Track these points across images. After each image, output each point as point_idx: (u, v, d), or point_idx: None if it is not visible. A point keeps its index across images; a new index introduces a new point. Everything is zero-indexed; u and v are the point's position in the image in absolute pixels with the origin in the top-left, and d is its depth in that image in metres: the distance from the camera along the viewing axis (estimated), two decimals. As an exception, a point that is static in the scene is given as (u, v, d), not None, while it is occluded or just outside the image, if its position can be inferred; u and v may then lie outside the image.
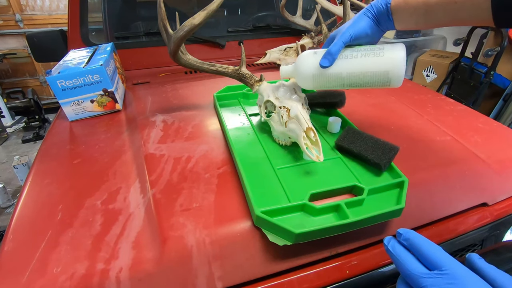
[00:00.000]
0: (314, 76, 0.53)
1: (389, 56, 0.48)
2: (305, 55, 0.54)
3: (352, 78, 0.51)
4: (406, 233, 0.30)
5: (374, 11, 0.48)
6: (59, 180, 0.53)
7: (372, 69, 0.49)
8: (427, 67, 2.54)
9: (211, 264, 0.39)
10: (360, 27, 0.49)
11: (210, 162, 0.55)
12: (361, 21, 0.49)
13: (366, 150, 0.52)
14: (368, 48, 0.50)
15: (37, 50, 1.09)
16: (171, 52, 0.64)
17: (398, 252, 0.29)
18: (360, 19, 0.49)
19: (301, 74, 0.54)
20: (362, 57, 0.50)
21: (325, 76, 0.52)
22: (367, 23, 0.49)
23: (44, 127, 2.66)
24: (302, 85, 0.56)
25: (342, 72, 0.51)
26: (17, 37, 2.81)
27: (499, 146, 0.61)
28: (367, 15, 0.49)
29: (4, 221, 1.67)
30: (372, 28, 0.49)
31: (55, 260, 0.38)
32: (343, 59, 0.51)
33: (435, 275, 0.25)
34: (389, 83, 0.51)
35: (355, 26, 0.49)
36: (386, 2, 0.46)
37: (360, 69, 0.50)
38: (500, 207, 0.56)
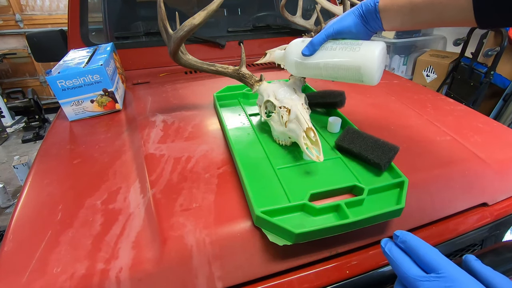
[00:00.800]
0: (297, 63, 0.56)
1: (363, 53, 0.48)
2: (294, 42, 0.56)
3: (328, 69, 0.53)
4: (402, 235, 0.30)
5: (363, 10, 0.49)
6: (59, 180, 0.53)
7: (346, 63, 0.50)
8: (427, 67, 2.54)
9: (211, 264, 0.39)
10: (345, 23, 0.50)
11: (210, 162, 0.55)
12: (347, 18, 0.50)
13: (366, 150, 0.52)
14: (349, 42, 0.51)
15: (37, 50, 1.09)
16: (171, 52, 0.64)
17: (395, 254, 0.29)
18: (347, 15, 0.50)
19: (287, 59, 0.57)
20: (339, 50, 0.51)
21: (305, 64, 0.55)
22: (353, 20, 0.49)
23: (44, 127, 2.66)
24: (288, 69, 0.59)
25: (320, 62, 0.53)
26: (17, 37, 2.81)
27: (499, 146, 0.61)
28: (354, 13, 0.49)
29: (4, 221, 1.67)
30: (357, 25, 0.49)
31: (55, 260, 0.38)
32: (323, 50, 0.53)
33: (432, 278, 0.25)
34: (362, 80, 0.50)
35: (340, 21, 0.50)
36: (375, 1, 0.47)
37: (335, 62, 0.51)
38: (500, 207, 0.56)
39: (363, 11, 0.49)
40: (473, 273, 0.27)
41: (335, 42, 0.52)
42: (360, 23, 0.49)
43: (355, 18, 0.49)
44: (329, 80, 0.56)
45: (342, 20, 0.50)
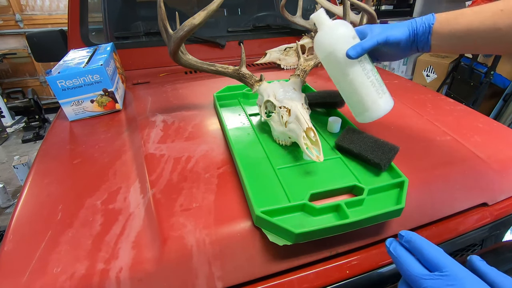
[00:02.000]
0: (330, 53, 0.51)
1: (380, 103, 0.52)
2: (343, 31, 0.51)
3: (347, 84, 0.53)
4: (407, 235, 0.30)
5: (416, 27, 0.47)
6: (59, 180, 0.53)
7: (364, 97, 0.52)
8: (427, 67, 2.54)
9: (211, 264, 0.39)
10: (397, 35, 0.48)
11: (210, 162, 0.55)
12: (400, 30, 0.48)
13: (366, 150, 0.52)
14: (379, 80, 0.52)
15: (37, 50, 1.09)
16: (171, 52, 0.64)
17: (400, 253, 0.29)
18: (400, 27, 0.49)
19: (322, 41, 0.52)
20: (369, 81, 0.51)
21: (336, 62, 0.51)
22: (405, 35, 0.48)
23: (44, 127, 2.66)
24: (315, 48, 0.53)
25: (348, 74, 0.51)
26: (17, 37, 2.82)
27: (499, 146, 0.61)
28: (408, 27, 0.48)
29: (4, 221, 1.67)
30: (406, 41, 0.48)
31: (55, 260, 0.38)
32: (359, 65, 0.51)
33: (435, 277, 0.26)
34: (356, 115, 0.56)
35: (393, 31, 0.48)
36: (430, 22, 0.46)
37: (358, 86, 0.52)
38: (500, 207, 0.56)
39: (416, 29, 0.47)
40: (477, 272, 0.27)
41: (372, 69, 0.52)
42: (409, 39, 0.48)
43: (408, 32, 0.48)
44: (337, 89, 0.56)
45: (395, 30, 0.49)
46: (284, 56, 1.07)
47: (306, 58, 0.69)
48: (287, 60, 1.07)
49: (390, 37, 0.48)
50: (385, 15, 3.04)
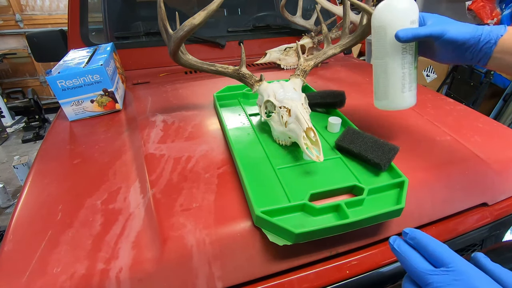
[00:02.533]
0: (382, 27, 0.50)
1: (401, 97, 0.53)
2: (405, 9, 0.48)
3: (380, 66, 0.52)
4: (412, 232, 0.30)
5: (482, 32, 0.43)
6: (59, 180, 0.53)
7: (388, 84, 0.52)
8: (427, 67, 2.53)
9: (211, 264, 0.39)
10: (456, 33, 0.43)
11: (210, 162, 0.55)
12: (462, 29, 0.44)
13: (366, 150, 0.52)
14: (412, 75, 0.52)
15: (37, 50, 1.09)
16: (171, 52, 0.64)
17: (404, 250, 0.29)
18: (464, 26, 0.44)
19: (382, 11, 0.50)
20: (402, 73, 0.51)
21: (383, 38, 0.50)
22: (464, 36, 0.43)
23: (44, 127, 2.66)
24: (373, 14, 0.51)
25: (387, 56, 0.50)
26: (17, 37, 2.82)
27: (499, 146, 0.61)
28: (472, 29, 0.43)
29: (4, 221, 1.67)
30: (464, 43, 0.44)
31: (55, 260, 0.38)
32: (401, 52, 0.49)
33: (441, 272, 0.26)
34: (377, 101, 0.57)
35: (453, 27, 0.44)
36: (499, 32, 0.42)
37: (389, 73, 0.52)
38: (500, 207, 0.56)
39: (481, 34, 0.43)
40: (482, 269, 0.27)
41: (409, 62, 0.50)
42: (467, 42, 0.44)
43: (468, 35, 0.43)
44: (371, 59, 0.55)
45: (455, 27, 0.44)
46: (284, 56, 1.07)
47: (306, 58, 0.69)
48: (287, 60, 1.07)
49: (448, 33, 0.44)
50: (385, 15, 3.04)
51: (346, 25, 0.69)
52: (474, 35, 0.43)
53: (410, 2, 0.49)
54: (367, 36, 0.65)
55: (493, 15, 1.94)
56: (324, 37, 0.74)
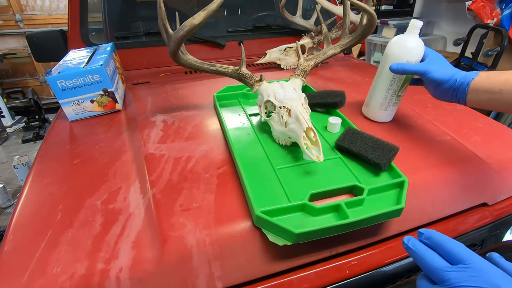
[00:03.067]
0: (388, 54, 0.62)
1: (377, 111, 0.69)
2: (409, 48, 0.59)
3: (376, 81, 0.68)
4: (427, 232, 0.31)
5: (458, 77, 0.51)
6: (59, 180, 0.53)
7: (374, 97, 0.68)
8: (427, 67, 2.53)
9: (211, 264, 0.39)
10: (436, 75, 0.52)
11: (210, 162, 0.55)
12: (442, 71, 0.52)
13: (366, 150, 0.52)
14: (394, 100, 0.66)
15: (37, 50, 1.09)
16: (171, 52, 0.64)
17: (420, 248, 0.30)
18: (445, 68, 0.53)
19: (395, 42, 0.62)
20: (385, 94, 0.65)
21: (384, 62, 0.63)
22: (443, 77, 0.52)
23: (44, 127, 2.66)
24: (391, 41, 0.63)
25: (380, 76, 0.65)
26: (17, 37, 2.81)
27: (499, 146, 0.61)
28: (450, 73, 0.51)
29: (4, 221, 1.67)
30: (443, 84, 0.52)
31: (55, 260, 0.38)
32: (391, 79, 0.63)
33: (459, 269, 0.26)
34: (364, 106, 0.73)
35: (436, 68, 0.53)
36: (471, 76, 0.49)
37: (376, 89, 0.67)
38: (500, 207, 0.56)
39: (456, 79, 0.51)
40: (498, 267, 0.27)
41: (394, 90, 0.64)
42: (446, 83, 0.52)
43: (446, 77, 0.51)
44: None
45: (437, 68, 0.53)
46: (284, 56, 1.07)
47: (306, 58, 0.69)
48: (287, 60, 1.07)
49: (430, 73, 0.53)
50: (385, 15, 3.04)
51: (346, 25, 0.69)
52: (451, 78, 0.51)
53: (416, 44, 0.59)
54: (367, 36, 0.66)
55: (493, 15, 1.94)
56: (324, 37, 0.74)
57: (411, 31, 0.59)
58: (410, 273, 0.49)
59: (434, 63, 0.54)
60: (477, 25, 2.06)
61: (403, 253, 0.47)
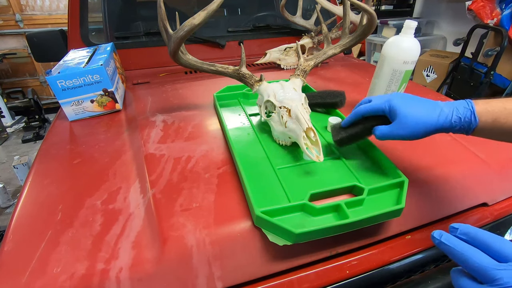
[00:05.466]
0: (382, 56, 0.64)
1: None
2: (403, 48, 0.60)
3: (373, 84, 0.70)
4: (464, 227, 0.29)
5: (454, 126, 0.39)
6: (59, 180, 0.53)
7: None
8: (427, 67, 2.53)
9: (211, 264, 0.39)
10: (401, 133, 0.41)
11: (210, 162, 0.55)
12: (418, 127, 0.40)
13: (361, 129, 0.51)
14: None
15: (37, 50, 1.09)
16: (171, 52, 0.64)
17: (459, 245, 0.27)
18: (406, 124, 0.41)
19: (384, 47, 0.64)
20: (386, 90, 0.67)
21: (380, 65, 0.65)
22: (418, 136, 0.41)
23: (44, 127, 2.66)
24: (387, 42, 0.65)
25: (377, 81, 0.67)
26: (17, 37, 2.81)
27: (499, 146, 0.61)
28: (438, 121, 0.39)
29: (4, 221, 1.67)
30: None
31: (55, 260, 0.38)
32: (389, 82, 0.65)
33: (510, 267, 0.24)
34: None
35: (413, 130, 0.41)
36: (470, 125, 0.38)
37: (376, 92, 0.68)
38: (500, 207, 0.56)
39: (452, 127, 0.39)
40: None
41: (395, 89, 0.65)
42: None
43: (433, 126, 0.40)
44: None
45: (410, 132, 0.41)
46: (284, 56, 1.07)
47: (306, 58, 0.69)
48: (287, 60, 1.07)
49: (404, 138, 0.42)
50: (385, 15, 3.04)
51: (346, 25, 0.69)
52: (448, 125, 0.40)
53: (412, 44, 0.59)
54: (367, 36, 0.66)
55: (493, 15, 1.95)
56: (324, 37, 0.74)
57: (406, 32, 0.60)
58: (410, 273, 0.49)
59: (403, 125, 0.42)
60: (477, 25, 2.06)
61: (403, 253, 0.47)
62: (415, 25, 0.59)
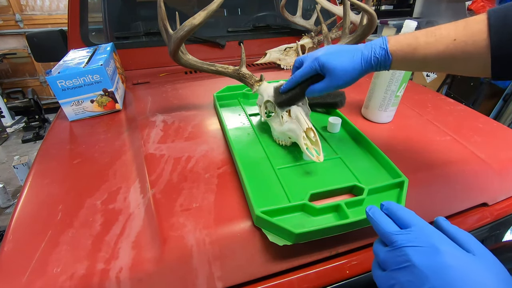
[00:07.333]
0: None
1: (376, 112, 0.69)
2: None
3: (374, 83, 0.69)
4: (387, 203, 0.34)
5: (370, 64, 0.45)
6: (59, 180, 0.53)
7: (372, 100, 0.69)
8: (427, 67, 2.53)
9: (211, 264, 0.39)
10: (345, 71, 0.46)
11: (210, 162, 0.55)
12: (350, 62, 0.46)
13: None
14: (392, 100, 0.67)
15: (37, 50, 1.09)
16: (171, 52, 0.64)
17: (377, 215, 0.33)
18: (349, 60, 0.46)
19: None
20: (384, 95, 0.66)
21: None
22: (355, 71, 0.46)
23: (44, 127, 2.66)
24: None
25: (377, 81, 0.67)
26: (17, 37, 2.81)
27: (499, 146, 0.61)
28: (358, 63, 0.46)
29: (4, 221, 1.67)
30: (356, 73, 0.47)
31: (55, 260, 0.38)
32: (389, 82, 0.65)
33: (405, 232, 0.29)
34: (363, 108, 0.73)
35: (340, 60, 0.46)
36: (386, 63, 0.44)
37: (376, 93, 0.68)
38: (500, 207, 0.56)
39: (369, 66, 0.46)
40: (442, 230, 0.30)
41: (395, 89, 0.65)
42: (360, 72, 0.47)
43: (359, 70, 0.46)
44: None
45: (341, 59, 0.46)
46: (284, 56, 1.07)
47: (306, 58, 0.69)
48: (287, 60, 1.07)
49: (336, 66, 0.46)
50: (385, 15, 3.04)
51: (346, 25, 0.69)
52: (365, 66, 0.46)
53: None
54: (367, 36, 0.65)
55: (493, 15, 1.94)
56: (324, 37, 0.74)
57: (406, 32, 0.60)
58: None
59: (335, 77, 0.47)
60: (477, 25, 2.06)
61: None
62: (415, 25, 0.59)
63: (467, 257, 0.26)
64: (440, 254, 0.26)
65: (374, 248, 0.32)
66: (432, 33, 0.40)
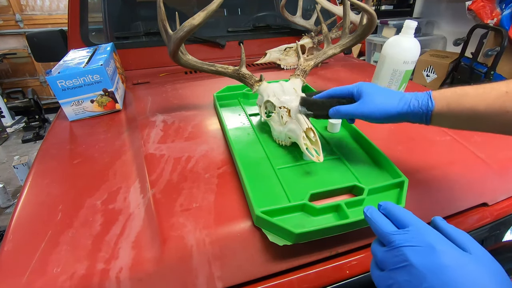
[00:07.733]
0: (381, 56, 0.66)
1: None
2: (403, 48, 0.62)
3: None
4: (385, 204, 0.34)
5: (413, 115, 0.42)
6: (59, 180, 0.53)
7: None
8: (427, 67, 2.53)
9: (211, 264, 0.39)
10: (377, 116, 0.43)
11: (210, 162, 0.55)
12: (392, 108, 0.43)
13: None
14: None
15: (37, 50, 1.09)
16: (171, 53, 0.64)
17: (375, 216, 0.33)
18: (391, 108, 0.43)
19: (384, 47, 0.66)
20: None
21: (380, 66, 0.68)
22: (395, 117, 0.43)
23: (44, 127, 2.66)
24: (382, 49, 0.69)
25: (378, 82, 0.69)
26: (17, 37, 2.81)
27: (499, 146, 0.61)
28: (402, 111, 0.42)
29: (4, 221, 1.67)
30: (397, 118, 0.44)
31: (55, 260, 0.38)
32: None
33: (402, 232, 0.30)
34: None
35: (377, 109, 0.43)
36: (428, 108, 0.41)
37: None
38: (500, 207, 0.55)
39: (411, 116, 0.42)
40: (439, 229, 0.30)
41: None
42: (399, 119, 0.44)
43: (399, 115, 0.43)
44: None
45: (383, 106, 0.43)
46: (284, 56, 1.07)
47: (306, 58, 0.69)
48: (287, 60, 1.07)
49: (364, 114, 0.45)
50: (385, 15, 3.04)
51: (346, 25, 0.69)
52: (407, 115, 0.43)
53: (412, 45, 0.59)
54: (367, 36, 0.66)
55: (493, 15, 1.95)
56: (324, 37, 0.74)
57: (406, 32, 0.60)
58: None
59: (366, 104, 0.45)
60: (477, 25, 2.06)
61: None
62: (415, 25, 0.59)
63: (464, 257, 0.26)
64: (437, 254, 0.26)
65: (372, 248, 0.32)
66: (479, 86, 0.39)
